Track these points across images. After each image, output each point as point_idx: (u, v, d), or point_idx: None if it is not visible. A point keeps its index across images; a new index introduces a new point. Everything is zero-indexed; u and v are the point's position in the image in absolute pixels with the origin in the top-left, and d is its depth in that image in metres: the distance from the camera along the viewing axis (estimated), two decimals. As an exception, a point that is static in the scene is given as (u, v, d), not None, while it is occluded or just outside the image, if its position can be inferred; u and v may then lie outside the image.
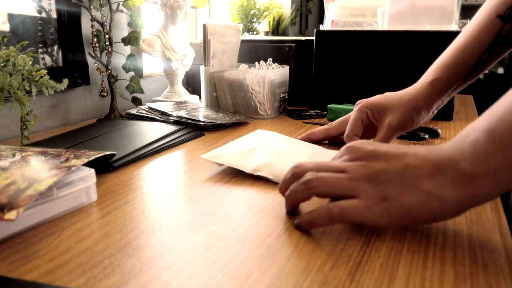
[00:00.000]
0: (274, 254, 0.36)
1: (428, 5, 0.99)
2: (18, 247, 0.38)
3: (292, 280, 0.32)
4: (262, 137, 0.69)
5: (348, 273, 0.33)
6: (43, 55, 0.88)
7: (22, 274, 0.33)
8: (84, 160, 0.48)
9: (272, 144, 0.65)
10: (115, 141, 0.69)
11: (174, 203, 0.48)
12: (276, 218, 0.44)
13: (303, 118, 0.98)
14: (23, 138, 0.69)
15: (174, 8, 1.01)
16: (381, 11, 1.06)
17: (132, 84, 1.01)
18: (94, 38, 0.89)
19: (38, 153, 0.50)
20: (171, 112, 0.88)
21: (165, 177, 0.57)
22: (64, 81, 0.72)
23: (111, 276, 0.33)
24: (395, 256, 0.36)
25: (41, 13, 0.87)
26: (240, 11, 1.84)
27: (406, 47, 0.96)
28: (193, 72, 1.25)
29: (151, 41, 1.02)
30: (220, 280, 0.32)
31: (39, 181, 0.40)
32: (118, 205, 0.47)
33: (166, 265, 0.34)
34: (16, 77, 0.65)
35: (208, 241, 0.39)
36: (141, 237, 0.39)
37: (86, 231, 0.41)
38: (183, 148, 0.72)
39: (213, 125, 0.85)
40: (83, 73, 0.95)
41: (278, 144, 0.66)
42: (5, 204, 0.37)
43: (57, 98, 0.91)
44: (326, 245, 0.38)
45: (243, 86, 0.96)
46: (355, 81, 1.03)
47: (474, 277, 0.33)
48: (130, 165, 0.62)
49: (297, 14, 2.41)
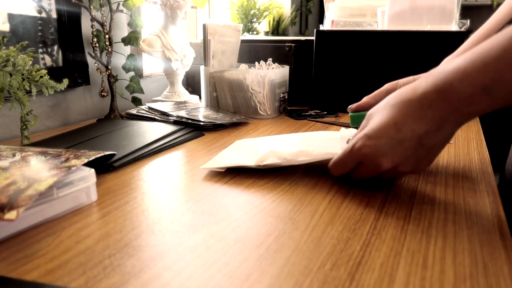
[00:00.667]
0: (274, 254, 0.36)
1: (428, 5, 0.99)
2: (18, 247, 0.38)
3: (292, 280, 0.32)
4: (255, 139, 0.70)
5: (348, 273, 0.33)
6: (43, 55, 0.88)
7: (22, 274, 0.33)
8: (84, 160, 0.48)
9: (269, 139, 0.66)
10: (115, 141, 0.69)
11: (174, 203, 0.48)
12: (276, 218, 0.44)
13: (303, 118, 0.98)
14: (23, 138, 0.69)
15: (174, 8, 1.01)
16: (381, 11, 1.06)
17: (132, 84, 1.01)
18: (94, 38, 0.89)
19: (38, 153, 0.50)
20: (171, 112, 0.88)
21: (165, 177, 0.57)
22: (64, 81, 0.72)
23: (111, 276, 0.33)
24: (395, 256, 0.36)
25: (41, 13, 0.87)
26: (240, 11, 1.84)
27: (406, 47, 0.96)
28: (193, 72, 1.25)
29: (151, 41, 1.02)
30: (220, 280, 0.32)
31: (39, 181, 0.40)
32: (118, 205, 0.47)
33: (166, 265, 0.34)
34: (16, 77, 0.65)
35: (208, 241, 0.39)
36: (141, 237, 0.39)
37: (86, 231, 0.41)
38: (183, 148, 0.72)
39: (213, 125, 0.85)
40: (83, 73, 0.95)
41: (274, 138, 0.67)
42: (5, 204, 0.37)
43: (57, 98, 0.91)
44: (326, 245, 0.38)
45: (243, 86, 0.96)
46: (355, 81, 1.03)
47: (474, 277, 0.33)
48: (130, 165, 0.62)
49: (297, 14, 2.41)
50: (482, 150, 0.70)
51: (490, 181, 0.55)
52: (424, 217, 0.44)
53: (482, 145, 0.73)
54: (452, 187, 0.53)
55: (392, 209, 0.46)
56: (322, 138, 0.64)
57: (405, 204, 0.48)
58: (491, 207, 0.47)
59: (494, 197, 0.50)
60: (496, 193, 0.51)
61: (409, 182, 0.55)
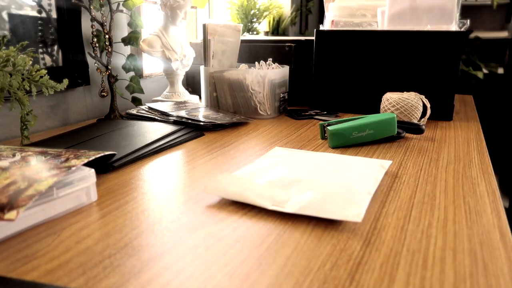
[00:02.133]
0: (274, 254, 0.36)
1: (428, 5, 0.99)
2: (18, 247, 0.38)
3: (292, 280, 0.32)
4: (276, 159, 0.60)
5: (348, 273, 0.33)
6: (43, 55, 0.88)
7: (22, 274, 0.33)
8: (84, 160, 0.48)
9: (295, 164, 0.56)
10: (115, 141, 0.69)
11: (174, 203, 0.48)
12: (276, 218, 0.44)
13: (303, 118, 0.98)
14: (23, 138, 0.69)
15: (174, 8, 1.01)
16: (381, 11, 1.06)
17: (132, 84, 1.01)
18: (94, 38, 0.89)
19: (38, 153, 0.49)
20: (171, 112, 0.88)
21: (165, 177, 0.57)
22: (64, 81, 0.72)
23: (111, 276, 0.33)
24: (395, 256, 0.36)
25: (41, 13, 0.87)
26: (240, 11, 1.84)
27: (406, 47, 0.96)
28: (193, 72, 1.25)
29: (151, 41, 1.02)
30: (220, 280, 0.32)
31: (39, 181, 0.40)
32: (118, 205, 0.47)
33: (166, 265, 0.34)
34: (16, 77, 0.65)
35: (208, 241, 0.39)
36: (141, 237, 0.39)
37: (86, 231, 0.41)
38: (183, 148, 0.72)
39: (213, 125, 0.85)
40: (83, 73, 0.95)
41: (301, 163, 0.57)
42: (5, 204, 0.37)
43: (57, 98, 0.91)
44: (326, 245, 0.38)
45: (243, 86, 0.96)
46: (355, 81, 1.03)
47: (474, 277, 0.33)
48: (130, 165, 0.62)
49: (297, 14, 2.41)
50: (482, 150, 0.70)
51: (490, 181, 0.55)
52: (424, 217, 0.44)
53: (482, 145, 0.73)
54: (452, 187, 0.53)
55: (392, 209, 0.46)
56: (358, 169, 0.56)
57: (405, 204, 0.48)
58: (491, 207, 0.47)
59: (494, 197, 0.50)
60: (496, 193, 0.51)
61: (409, 182, 0.55)
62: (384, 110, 0.88)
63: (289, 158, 0.61)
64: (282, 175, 0.53)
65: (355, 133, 0.71)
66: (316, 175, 0.53)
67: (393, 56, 0.98)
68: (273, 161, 0.60)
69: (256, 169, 0.57)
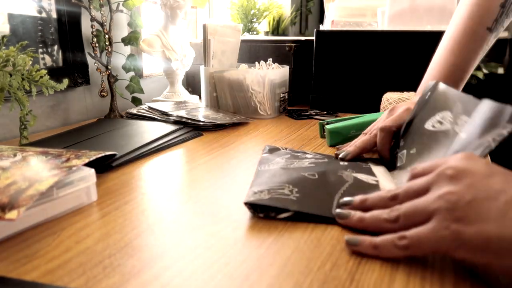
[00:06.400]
0: (274, 254, 0.36)
1: (428, 5, 0.99)
2: (19, 247, 0.38)
3: (292, 280, 0.32)
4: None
5: (348, 273, 0.33)
6: (43, 55, 0.88)
7: (22, 274, 0.33)
8: (85, 160, 0.48)
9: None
10: (115, 140, 0.69)
11: (174, 203, 0.48)
12: (276, 218, 0.44)
13: (303, 118, 0.98)
14: (22, 138, 0.69)
15: (174, 8, 1.01)
16: (381, 11, 1.06)
17: (132, 84, 1.01)
18: (94, 38, 0.89)
19: (39, 153, 0.50)
20: (171, 112, 0.88)
21: (165, 177, 0.57)
22: (64, 81, 0.72)
23: (111, 276, 0.33)
24: (395, 256, 0.36)
25: (41, 13, 0.87)
26: (240, 11, 1.84)
27: (406, 47, 0.96)
28: (193, 72, 1.25)
29: (151, 41, 1.02)
30: (220, 280, 0.32)
31: (39, 181, 0.40)
32: (118, 205, 0.47)
33: (166, 265, 0.34)
34: (16, 77, 0.65)
35: (208, 241, 0.39)
36: (141, 237, 0.39)
37: (86, 231, 0.41)
38: (183, 148, 0.72)
39: (213, 125, 0.85)
40: (83, 73, 0.95)
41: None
42: (6, 204, 0.37)
43: (57, 98, 0.91)
44: (326, 245, 0.38)
45: (243, 86, 0.96)
46: (355, 81, 1.03)
47: (474, 277, 0.33)
48: (130, 165, 0.62)
49: (297, 14, 2.41)
50: (482, 150, 0.70)
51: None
52: (424, 217, 0.44)
53: (482, 145, 0.73)
54: (452, 187, 0.53)
55: (392, 209, 0.46)
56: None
57: (405, 204, 0.47)
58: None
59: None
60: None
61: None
62: (384, 110, 0.88)
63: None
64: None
65: (353, 131, 0.71)
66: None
67: (393, 56, 0.98)
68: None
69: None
